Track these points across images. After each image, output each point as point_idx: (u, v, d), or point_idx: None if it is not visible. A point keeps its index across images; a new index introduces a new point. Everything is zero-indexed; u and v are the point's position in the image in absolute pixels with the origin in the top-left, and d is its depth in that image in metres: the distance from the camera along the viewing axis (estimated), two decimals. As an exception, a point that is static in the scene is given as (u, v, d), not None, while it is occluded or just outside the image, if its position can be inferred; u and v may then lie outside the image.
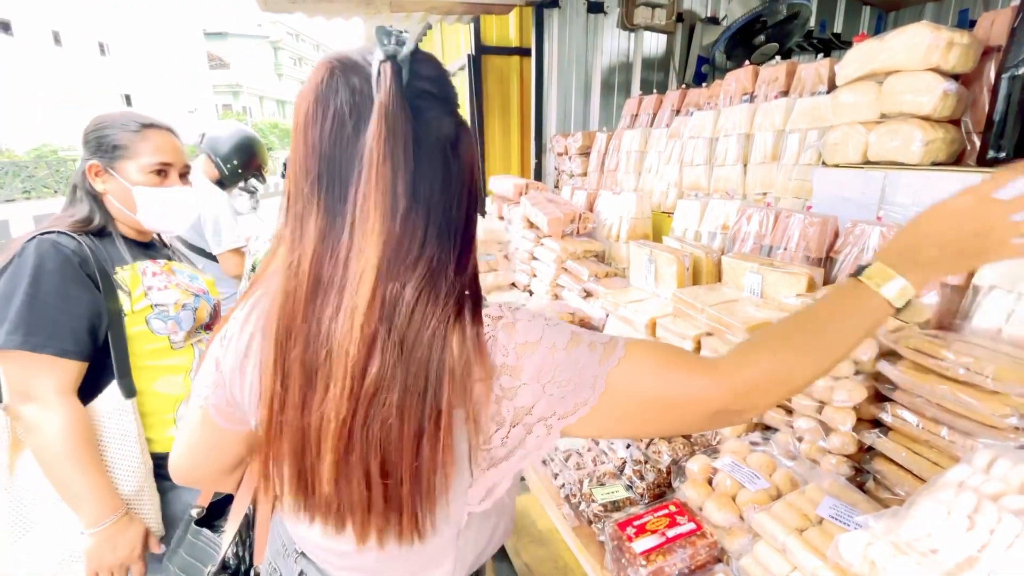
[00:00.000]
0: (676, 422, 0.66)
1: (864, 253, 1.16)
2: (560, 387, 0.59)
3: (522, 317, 0.61)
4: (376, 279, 0.54)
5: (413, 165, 0.55)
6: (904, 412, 0.89)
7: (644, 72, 3.15)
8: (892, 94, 1.27)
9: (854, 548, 0.70)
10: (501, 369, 0.59)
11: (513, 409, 0.60)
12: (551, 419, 0.61)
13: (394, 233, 0.55)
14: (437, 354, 0.56)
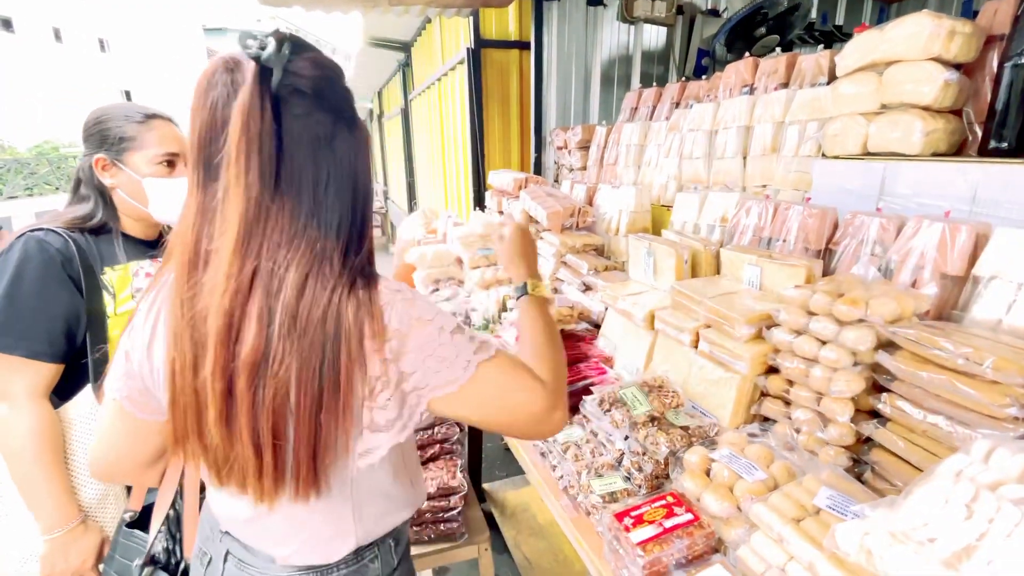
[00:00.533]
0: (516, 418, 0.75)
1: (864, 244, 1.15)
2: (438, 362, 0.68)
3: (421, 298, 0.71)
4: (234, 256, 0.60)
5: (275, 157, 0.61)
6: (902, 403, 0.89)
7: (644, 65, 3.13)
8: (893, 84, 1.26)
9: (851, 537, 0.70)
10: (394, 333, 0.66)
11: (398, 373, 0.67)
12: (423, 390, 0.69)
13: (251, 216, 0.61)
14: (332, 327, 0.62)
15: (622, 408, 1.10)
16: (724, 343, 1.13)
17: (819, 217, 1.23)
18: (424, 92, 5.40)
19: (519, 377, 0.75)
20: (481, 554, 1.75)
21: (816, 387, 0.97)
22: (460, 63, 3.74)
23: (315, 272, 0.63)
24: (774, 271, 1.21)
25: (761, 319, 1.11)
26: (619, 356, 1.51)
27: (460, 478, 1.72)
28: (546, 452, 1.26)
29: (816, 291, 0.99)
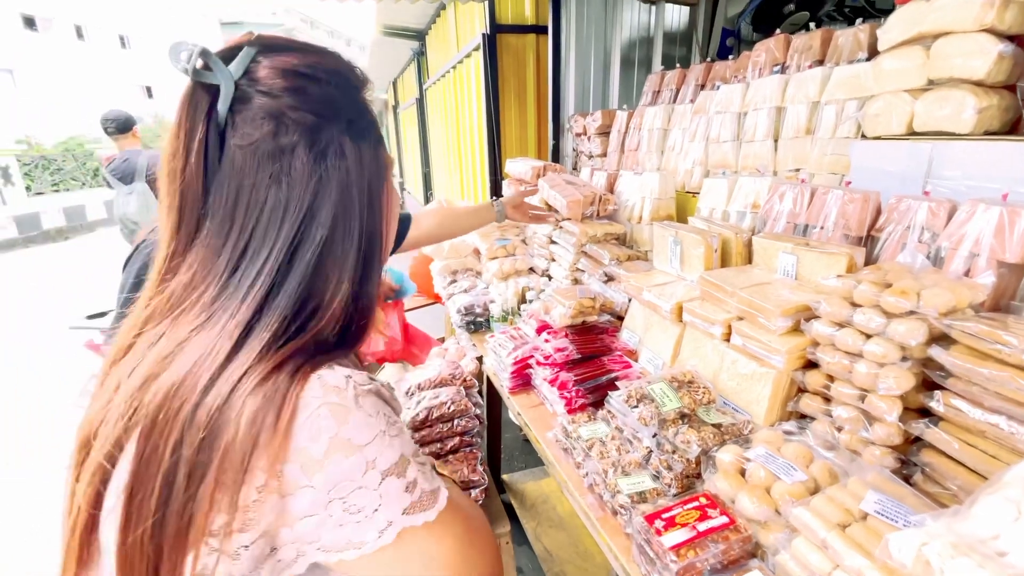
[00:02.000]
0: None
1: (911, 231, 1.08)
2: (344, 513, 0.48)
3: (366, 408, 0.50)
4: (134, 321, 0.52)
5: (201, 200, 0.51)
6: (957, 401, 0.83)
7: (666, 47, 3.02)
8: (941, 58, 1.17)
9: (907, 547, 0.65)
10: (299, 454, 0.46)
11: (279, 513, 0.47)
12: (309, 546, 0.49)
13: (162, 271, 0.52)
14: (208, 424, 0.45)
15: (650, 404, 1.06)
16: (759, 336, 1.07)
17: (861, 202, 1.15)
18: (439, 80, 5.34)
19: (466, 563, 0.54)
20: (502, 547, 1.74)
21: (860, 383, 0.91)
22: (476, 49, 3.67)
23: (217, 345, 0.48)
24: (812, 260, 1.14)
25: (799, 311, 1.04)
26: (643, 349, 1.46)
27: (480, 471, 1.70)
28: (569, 448, 1.22)
29: (861, 281, 0.93)
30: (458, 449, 1.79)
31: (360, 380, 0.51)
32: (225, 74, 0.50)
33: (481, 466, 1.73)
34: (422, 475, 0.53)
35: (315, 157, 0.52)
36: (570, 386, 1.36)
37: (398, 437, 0.52)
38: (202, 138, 0.50)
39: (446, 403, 1.75)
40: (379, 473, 0.49)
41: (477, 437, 1.83)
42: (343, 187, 0.53)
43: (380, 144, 0.59)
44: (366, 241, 0.57)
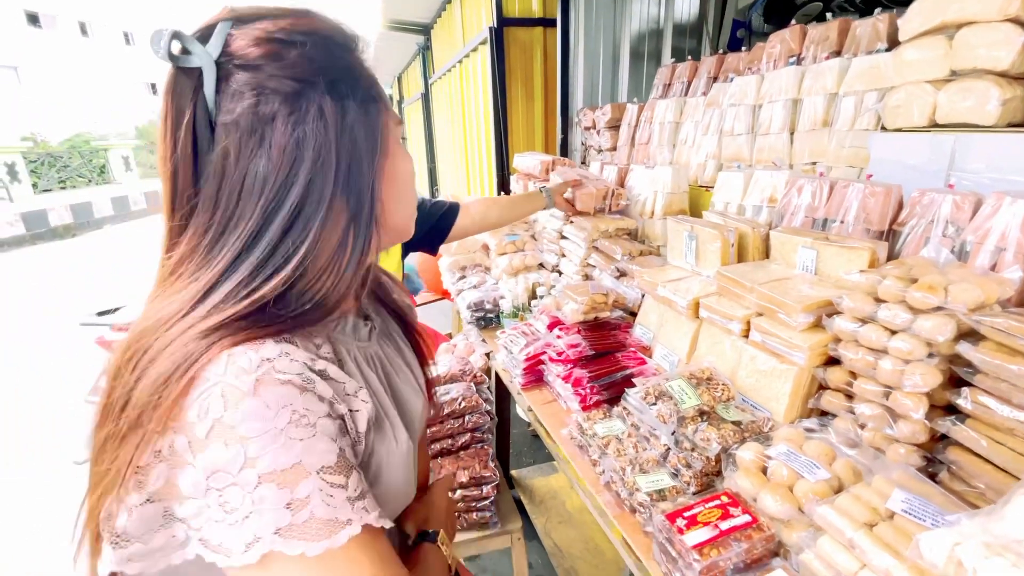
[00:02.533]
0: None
1: (934, 225, 1.06)
2: (220, 509, 0.43)
3: (265, 398, 0.44)
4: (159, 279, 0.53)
5: (192, 177, 0.51)
6: (986, 398, 0.81)
7: (675, 39, 2.99)
8: (965, 48, 1.15)
9: (939, 547, 0.63)
10: (186, 428, 0.43)
11: (166, 481, 0.44)
12: (194, 533, 0.44)
13: (165, 248, 0.53)
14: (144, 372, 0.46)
15: (669, 402, 1.05)
16: (779, 332, 1.06)
17: (882, 195, 1.13)
18: (445, 75, 5.31)
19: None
20: (514, 543, 1.74)
21: (885, 380, 0.90)
22: (482, 43, 3.64)
23: (179, 305, 0.48)
24: (832, 255, 1.12)
25: (820, 306, 1.03)
26: (657, 346, 1.45)
27: (492, 467, 1.70)
28: (585, 446, 1.21)
29: (886, 276, 0.91)
30: (469, 445, 1.79)
31: (283, 367, 0.46)
32: (204, 55, 0.49)
33: (492, 462, 1.73)
34: (324, 497, 0.44)
35: (293, 124, 0.50)
36: (584, 383, 1.35)
37: (303, 442, 0.45)
38: (189, 122, 0.50)
39: (457, 399, 1.75)
40: (256, 474, 0.43)
41: (488, 433, 1.83)
42: (321, 150, 0.51)
43: (373, 103, 0.55)
44: (347, 196, 0.53)
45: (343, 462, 0.47)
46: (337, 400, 0.50)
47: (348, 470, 0.48)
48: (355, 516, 0.46)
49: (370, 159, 0.55)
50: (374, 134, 0.55)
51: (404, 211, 0.62)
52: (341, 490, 0.46)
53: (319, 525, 0.44)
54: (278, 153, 0.49)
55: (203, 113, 0.50)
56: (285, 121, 0.49)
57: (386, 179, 0.58)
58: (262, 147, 0.49)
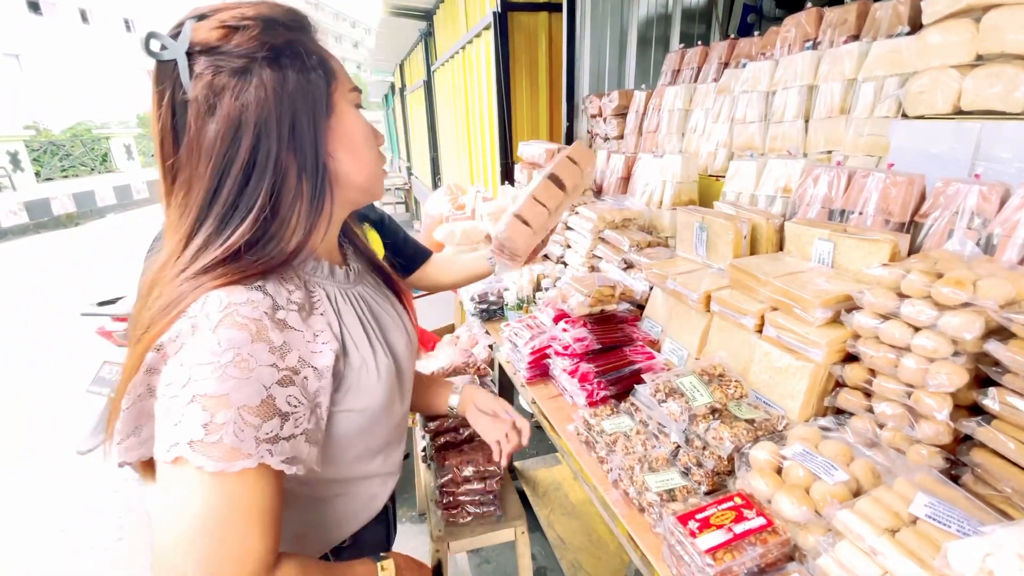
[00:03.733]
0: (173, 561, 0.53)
1: (959, 216, 1.02)
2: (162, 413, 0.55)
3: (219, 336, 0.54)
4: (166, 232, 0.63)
5: (173, 148, 0.60)
6: (1015, 399, 0.77)
7: (684, 24, 2.91)
8: (993, 31, 1.09)
9: (969, 557, 0.60)
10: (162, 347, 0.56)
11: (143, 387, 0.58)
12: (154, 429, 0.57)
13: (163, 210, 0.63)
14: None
15: (680, 399, 1.02)
16: (795, 328, 1.02)
17: (905, 185, 1.09)
18: (448, 62, 5.23)
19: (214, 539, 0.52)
20: (517, 536, 1.72)
21: (907, 379, 0.86)
22: (486, 29, 3.57)
23: (167, 255, 0.61)
24: (850, 247, 1.08)
25: (839, 301, 0.99)
26: (666, 340, 1.42)
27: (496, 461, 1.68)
28: (592, 442, 1.18)
29: (910, 270, 0.87)
30: (473, 438, 1.77)
31: (245, 312, 0.56)
32: (176, 49, 0.57)
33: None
34: (236, 430, 0.53)
35: (239, 92, 0.58)
36: (591, 377, 1.32)
37: (235, 380, 0.53)
38: (168, 102, 0.59)
39: (461, 393, 1.72)
40: (191, 393, 0.52)
41: (492, 427, 1.80)
42: (262, 112, 0.59)
43: (315, 71, 0.63)
44: (294, 151, 0.62)
45: (266, 408, 0.55)
46: (288, 348, 0.59)
47: (268, 416, 0.56)
48: (255, 453, 0.54)
49: (311, 118, 0.62)
50: (315, 97, 0.63)
51: (364, 169, 0.69)
52: (252, 429, 0.54)
53: (223, 449, 0.52)
54: (226, 119, 0.58)
55: (180, 95, 0.59)
56: (231, 91, 0.58)
57: (335, 138, 0.65)
58: (213, 116, 0.58)
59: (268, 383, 0.56)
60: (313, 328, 0.64)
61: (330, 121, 0.64)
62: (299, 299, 0.63)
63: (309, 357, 0.61)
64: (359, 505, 0.79)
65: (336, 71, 0.66)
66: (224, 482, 0.53)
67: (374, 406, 0.71)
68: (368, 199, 0.74)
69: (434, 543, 1.63)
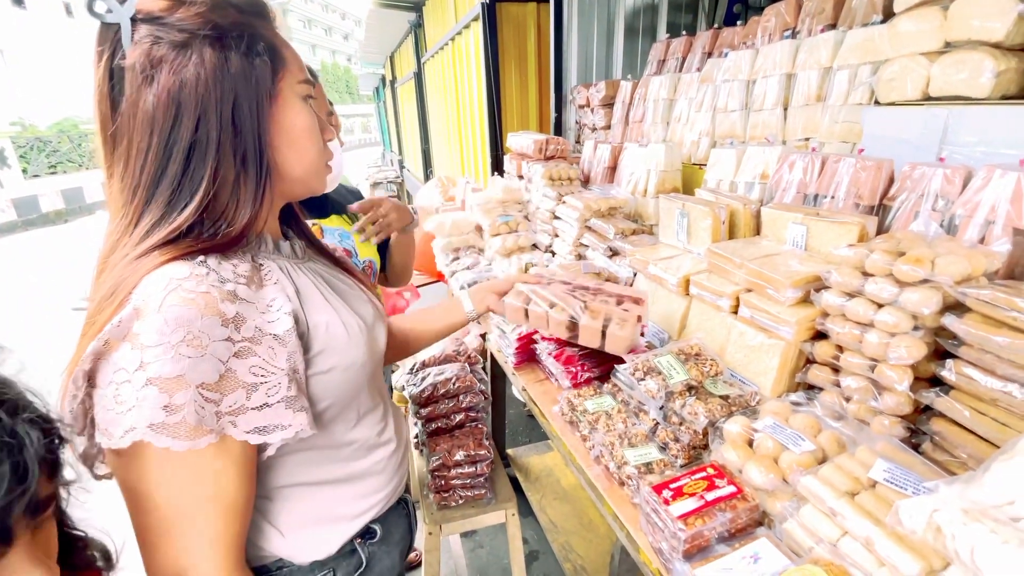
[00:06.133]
0: (147, 547, 0.57)
1: (924, 199, 1.06)
2: (113, 400, 0.52)
3: (166, 315, 0.52)
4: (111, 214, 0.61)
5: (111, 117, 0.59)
6: (970, 369, 0.82)
7: (671, 14, 2.93)
8: (959, 19, 1.13)
9: (918, 514, 0.65)
10: (107, 334, 0.53)
11: (84, 378, 0.54)
12: (95, 415, 0.55)
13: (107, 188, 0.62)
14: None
15: (657, 377, 1.06)
16: (767, 308, 1.06)
17: (873, 170, 1.13)
18: (437, 53, 5.22)
19: (178, 524, 0.55)
20: (508, 519, 1.76)
21: (871, 353, 0.90)
22: (475, 20, 3.57)
23: (118, 236, 0.59)
24: (822, 230, 1.12)
25: (808, 281, 1.03)
26: (648, 323, 1.46)
27: (487, 445, 1.72)
28: (575, 422, 1.22)
29: (873, 250, 0.91)
30: (464, 424, 1.81)
31: (190, 286, 0.54)
32: (121, 13, 0.56)
33: (487, 440, 1.74)
34: (196, 408, 0.52)
35: (178, 68, 0.56)
36: (575, 360, 1.35)
37: (191, 359, 0.52)
38: (106, 64, 0.57)
39: (451, 379, 1.76)
40: (146, 377, 0.51)
41: (483, 412, 1.84)
42: (201, 92, 0.57)
43: (260, 57, 0.61)
44: (232, 140, 0.60)
45: (227, 382, 0.55)
46: (242, 319, 0.57)
47: (231, 389, 0.55)
48: (218, 427, 0.55)
49: (252, 105, 0.60)
50: (257, 84, 0.61)
51: (304, 162, 0.68)
52: (213, 404, 0.54)
53: (187, 428, 0.52)
54: (164, 94, 0.56)
55: (119, 59, 0.57)
56: (170, 65, 0.56)
57: (276, 128, 0.64)
58: (151, 87, 0.56)
59: (224, 357, 0.55)
60: (265, 299, 0.62)
61: (272, 110, 0.63)
62: (245, 271, 0.61)
63: (266, 326, 0.59)
64: (368, 487, 0.78)
65: (287, 60, 0.65)
66: (196, 459, 0.54)
67: (351, 362, 0.69)
68: (306, 192, 0.72)
69: (427, 526, 1.67)
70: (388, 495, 0.82)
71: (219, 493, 0.57)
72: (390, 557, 0.81)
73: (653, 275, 1.40)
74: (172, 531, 0.56)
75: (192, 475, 0.55)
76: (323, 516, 0.73)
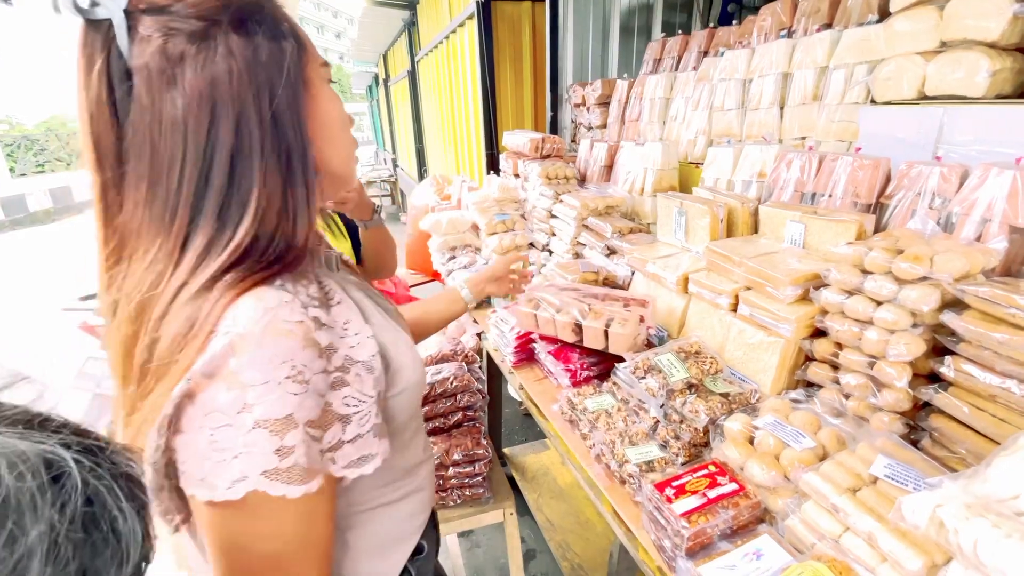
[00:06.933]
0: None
1: (921, 197, 1.06)
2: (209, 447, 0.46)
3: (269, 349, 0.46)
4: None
5: (113, 131, 0.50)
6: (969, 366, 0.83)
7: (666, 13, 2.94)
8: (955, 19, 1.14)
9: (920, 509, 0.65)
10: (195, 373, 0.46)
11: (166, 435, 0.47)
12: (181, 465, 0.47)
13: (103, 213, 0.52)
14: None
15: (658, 375, 1.06)
16: (767, 305, 1.06)
17: (871, 168, 1.13)
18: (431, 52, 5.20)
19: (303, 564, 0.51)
20: (506, 518, 1.76)
21: (870, 350, 0.91)
22: (469, 18, 3.56)
23: (160, 267, 0.50)
24: (820, 228, 1.13)
25: (807, 279, 1.04)
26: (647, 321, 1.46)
27: (484, 444, 1.71)
28: (575, 420, 1.22)
29: (872, 247, 0.91)
30: (461, 423, 1.80)
31: (284, 315, 0.48)
32: (112, 5, 0.47)
33: (485, 439, 1.74)
34: (307, 448, 0.48)
35: (203, 63, 0.48)
36: (575, 359, 1.35)
37: (298, 396, 0.47)
38: (101, 69, 0.48)
39: (448, 379, 1.75)
40: (253, 419, 0.45)
41: (480, 411, 1.84)
42: (237, 89, 0.50)
43: (286, 39, 0.53)
44: (277, 138, 0.52)
45: (325, 417, 0.51)
46: (333, 348, 0.53)
47: (327, 424, 0.51)
48: (323, 467, 0.51)
49: (289, 95, 0.53)
50: (290, 71, 0.53)
51: (340, 155, 0.62)
52: (317, 443, 0.50)
53: (301, 472, 0.48)
54: (194, 95, 0.48)
55: (118, 62, 0.49)
56: (194, 61, 0.48)
57: (313, 120, 0.57)
58: (175, 88, 0.48)
59: (323, 391, 0.51)
60: (339, 322, 0.56)
61: (305, 100, 0.56)
62: (316, 293, 0.55)
63: (352, 353, 0.55)
64: (418, 503, 0.74)
65: (306, 43, 0.57)
66: (306, 503, 0.49)
67: (417, 380, 0.65)
68: (340, 190, 0.65)
69: (424, 525, 1.66)
70: (430, 509, 0.79)
71: (317, 538, 0.52)
72: (430, 567, 0.79)
73: (652, 273, 1.40)
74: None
75: (297, 522, 0.50)
76: (385, 539, 0.69)
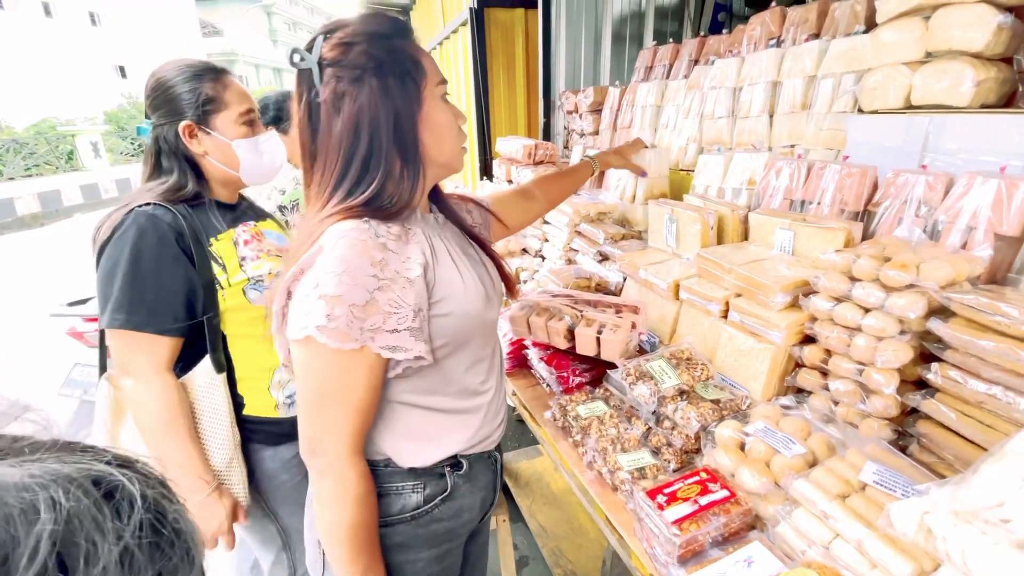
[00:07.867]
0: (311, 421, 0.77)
1: (908, 205, 1.08)
2: (297, 308, 0.73)
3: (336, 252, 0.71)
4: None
5: (311, 130, 0.79)
6: (955, 372, 0.83)
7: (657, 22, 2.97)
8: (940, 29, 1.16)
9: (909, 517, 0.65)
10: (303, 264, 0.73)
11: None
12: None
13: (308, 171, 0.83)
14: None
15: (649, 382, 1.06)
16: (757, 312, 1.07)
17: (858, 177, 1.15)
18: (425, 58, 5.21)
19: (323, 402, 0.75)
20: (499, 525, 1.75)
21: (858, 357, 0.92)
22: (463, 25, 3.58)
23: (315, 207, 0.80)
24: (809, 235, 1.14)
25: (797, 286, 1.04)
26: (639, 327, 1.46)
27: (477, 452, 1.71)
28: (568, 427, 1.22)
29: (860, 255, 0.92)
30: (454, 430, 1.79)
31: (355, 235, 0.73)
32: (310, 60, 0.75)
33: (477, 446, 1.73)
34: (348, 320, 0.70)
35: (355, 97, 0.75)
36: (567, 365, 1.35)
37: (348, 285, 0.71)
38: (305, 102, 0.77)
39: (441, 385, 1.75)
40: (318, 294, 0.70)
41: (472, 418, 1.83)
42: (375, 113, 0.75)
43: (409, 75, 0.78)
44: (397, 144, 0.78)
45: (370, 307, 0.72)
46: (386, 263, 0.74)
47: (372, 313, 0.72)
48: (360, 338, 0.72)
49: (409, 116, 0.79)
50: (410, 98, 0.78)
51: (446, 150, 0.85)
52: (359, 321, 0.72)
53: (339, 334, 0.71)
54: (348, 118, 0.75)
55: (314, 98, 0.76)
56: (350, 96, 0.75)
57: (425, 128, 0.81)
58: (340, 114, 0.75)
59: (371, 288, 0.72)
60: (407, 252, 0.79)
61: (420, 115, 0.80)
62: (396, 231, 0.79)
63: (403, 271, 0.77)
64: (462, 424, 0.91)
65: (426, 69, 0.80)
66: (338, 357, 0.72)
67: (465, 311, 0.84)
68: (449, 172, 0.89)
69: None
70: (479, 439, 0.93)
71: (351, 389, 0.74)
72: (472, 496, 0.93)
73: (643, 280, 1.40)
74: (316, 407, 0.75)
75: (336, 369, 0.73)
76: (423, 434, 0.88)
